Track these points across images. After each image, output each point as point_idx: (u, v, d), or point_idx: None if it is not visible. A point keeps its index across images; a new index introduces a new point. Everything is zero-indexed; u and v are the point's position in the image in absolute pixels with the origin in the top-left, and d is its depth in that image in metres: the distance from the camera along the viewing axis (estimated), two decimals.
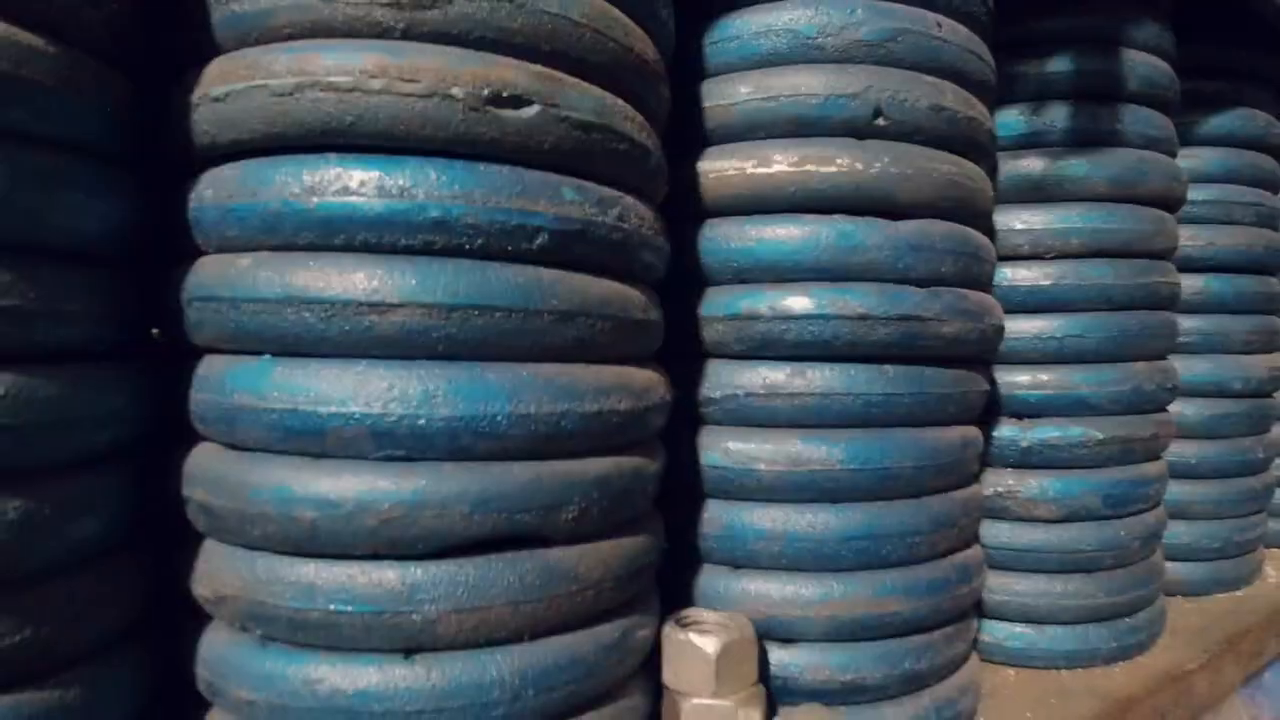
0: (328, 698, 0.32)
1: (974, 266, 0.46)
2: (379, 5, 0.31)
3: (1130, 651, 0.62)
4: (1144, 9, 0.61)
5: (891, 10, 0.44)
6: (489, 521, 0.32)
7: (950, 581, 0.47)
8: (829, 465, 0.43)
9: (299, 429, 0.31)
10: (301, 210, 0.31)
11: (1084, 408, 0.58)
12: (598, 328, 0.35)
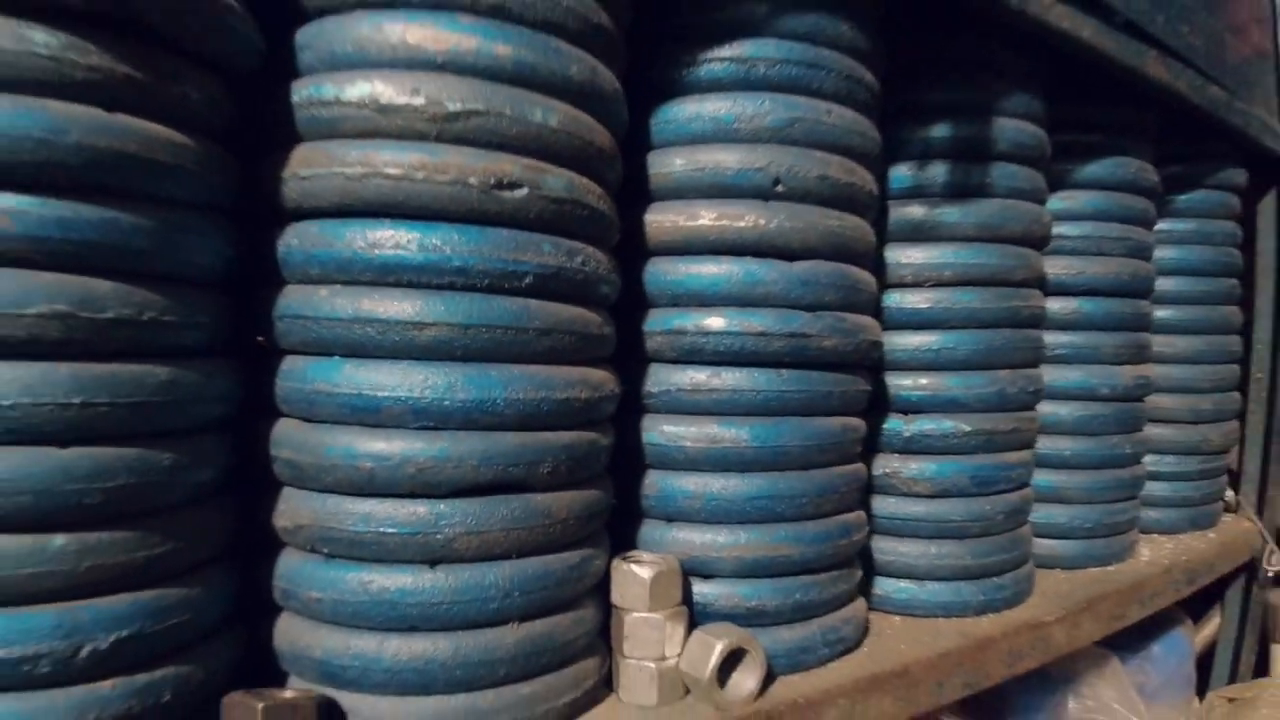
0: (376, 594, 0.49)
1: (852, 295, 0.65)
2: (421, 119, 0.48)
3: (997, 605, 0.81)
4: (1017, 83, 0.79)
5: (792, 102, 0.62)
6: (490, 472, 0.49)
7: (833, 534, 0.65)
8: (738, 443, 0.61)
9: (361, 407, 0.48)
10: (365, 258, 0.48)
11: (955, 406, 0.76)
12: (566, 340, 0.53)
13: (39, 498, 0.41)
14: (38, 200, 0.40)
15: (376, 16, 0.49)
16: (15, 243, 0.40)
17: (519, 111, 0.49)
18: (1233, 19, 1.08)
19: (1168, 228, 1.10)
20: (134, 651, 0.44)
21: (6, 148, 0.38)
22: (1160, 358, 1.09)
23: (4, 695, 0.41)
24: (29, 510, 0.40)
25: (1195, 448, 1.12)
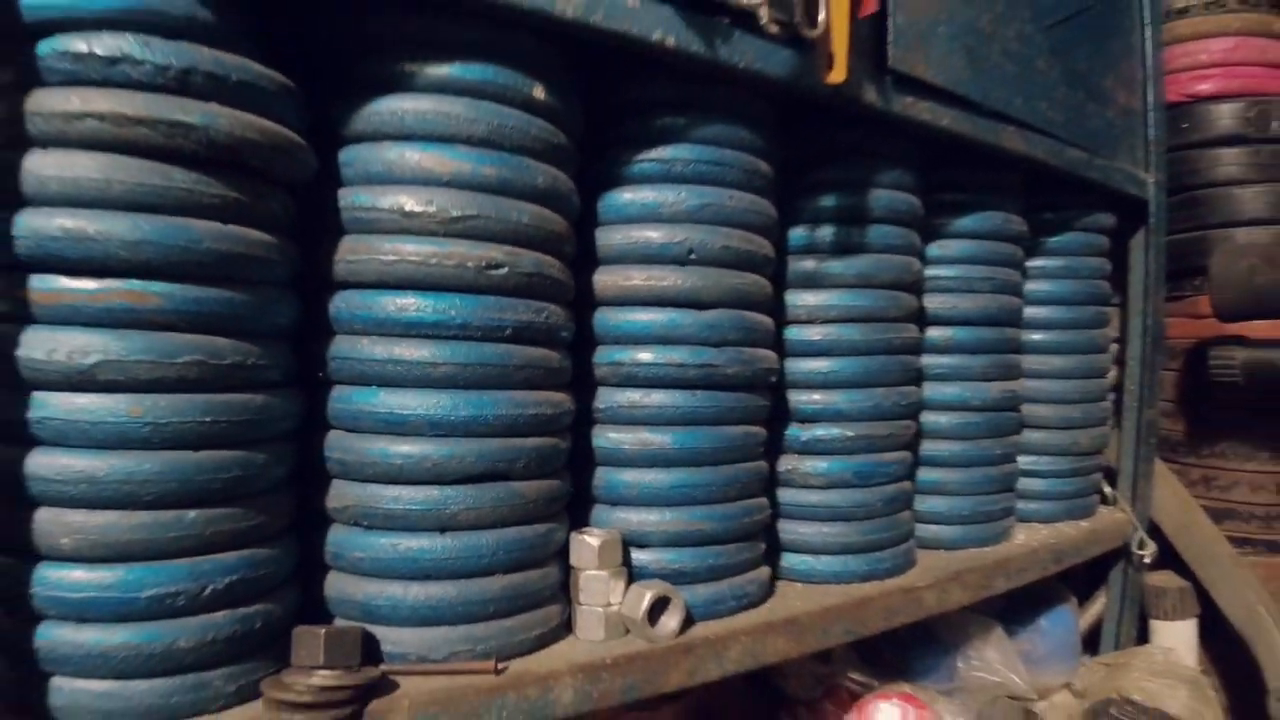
0: (403, 553, 0.72)
1: (751, 335, 0.90)
2: (433, 222, 0.72)
3: (879, 575, 1.06)
4: (891, 161, 1.05)
5: (702, 191, 0.86)
6: (482, 466, 0.73)
7: (738, 515, 0.90)
8: (663, 446, 0.85)
9: (392, 421, 0.72)
10: (396, 318, 0.72)
11: (841, 417, 1.01)
12: (536, 373, 0.77)
13: (181, 485, 0.63)
14: (181, 286, 0.63)
15: (400, 145, 0.73)
16: (168, 315, 0.62)
17: (502, 214, 0.74)
18: (1095, 89, 1.35)
19: (1041, 264, 1.37)
20: (238, 592, 0.67)
21: (161, 252, 0.61)
22: (1036, 374, 1.35)
23: (156, 621, 0.64)
24: (174, 493, 0.63)
25: (1067, 450, 1.39)
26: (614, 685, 0.80)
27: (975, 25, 1.08)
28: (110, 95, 0.59)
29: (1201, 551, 1.50)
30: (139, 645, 0.62)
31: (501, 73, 0.74)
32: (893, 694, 1.16)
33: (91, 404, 0.60)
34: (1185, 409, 1.60)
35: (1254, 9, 1.64)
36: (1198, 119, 1.62)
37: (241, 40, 0.66)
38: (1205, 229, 1.60)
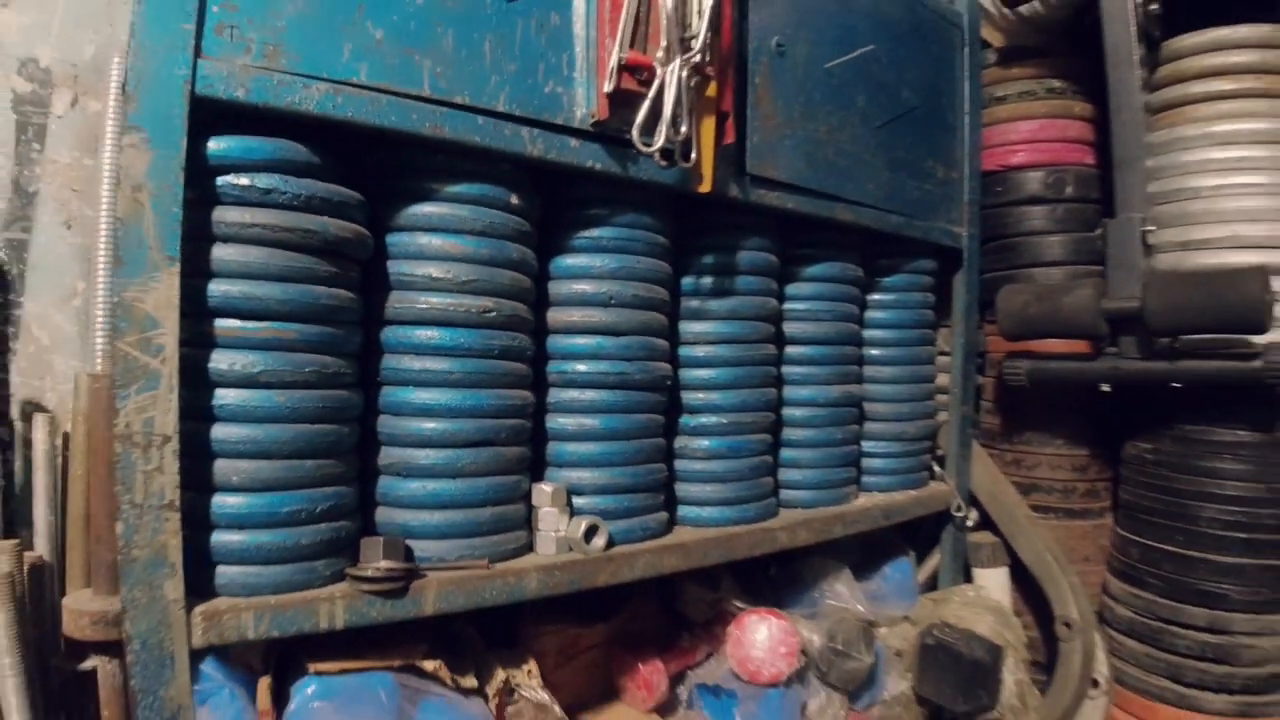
0: (432, 491, 1.18)
1: (653, 352, 1.38)
2: (452, 285, 1.18)
3: (747, 520, 1.54)
4: (753, 231, 1.54)
5: (621, 258, 1.34)
6: (479, 436, 1.20)
7: (644, 474, 1.38)
8: (594, 427, 1.33)
9: (422, 409, 1.18)
10: (425, 344, 1.18)
11: (718, 409, 1.50)
12: (513, 378, 1.24)
13: (304, 445, 1.08)
14: (305, 325, 1.08)
15: (429, 235, 1.19)
16: (298, 343, 1.07)
17: (492, 278, 1.21)
18: (916, 168, 1.86)
19: (879, 298, 1.88)
20: (332, 513, 1.12)
21: (295, 306, 1.06)
22: (873, 380, 1.86)
23: (287, 528, 1.08)
24: (300, 450, 1.08)
25: (899, 436, 1.90)
26: (562, 579, 1.27)
27: (814, 136, 1.58)
28: (266, 212, 1.04)
29: (1007, 515, 2.02)
30: (277, 543, 1.06)
31: (491, 188, 1.22)
32: (762, 611, 1.64)
33: (254, 396, 1.04)
34: (1000, 407, 2.13)
35: (1058, 96, 2.16)
36: (1010, 184, 2.15)
37: (333, 172, 1.11)
38: (1016, 269, 2.13)
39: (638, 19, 1.22)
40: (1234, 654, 1.71)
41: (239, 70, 0.97)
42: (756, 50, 1.46)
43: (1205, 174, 1.81)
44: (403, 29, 1.09)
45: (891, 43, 1.79)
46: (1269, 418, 1.69)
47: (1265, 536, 1.70)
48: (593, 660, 1.61)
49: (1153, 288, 1.64)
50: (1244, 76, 1.81)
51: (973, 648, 1.77)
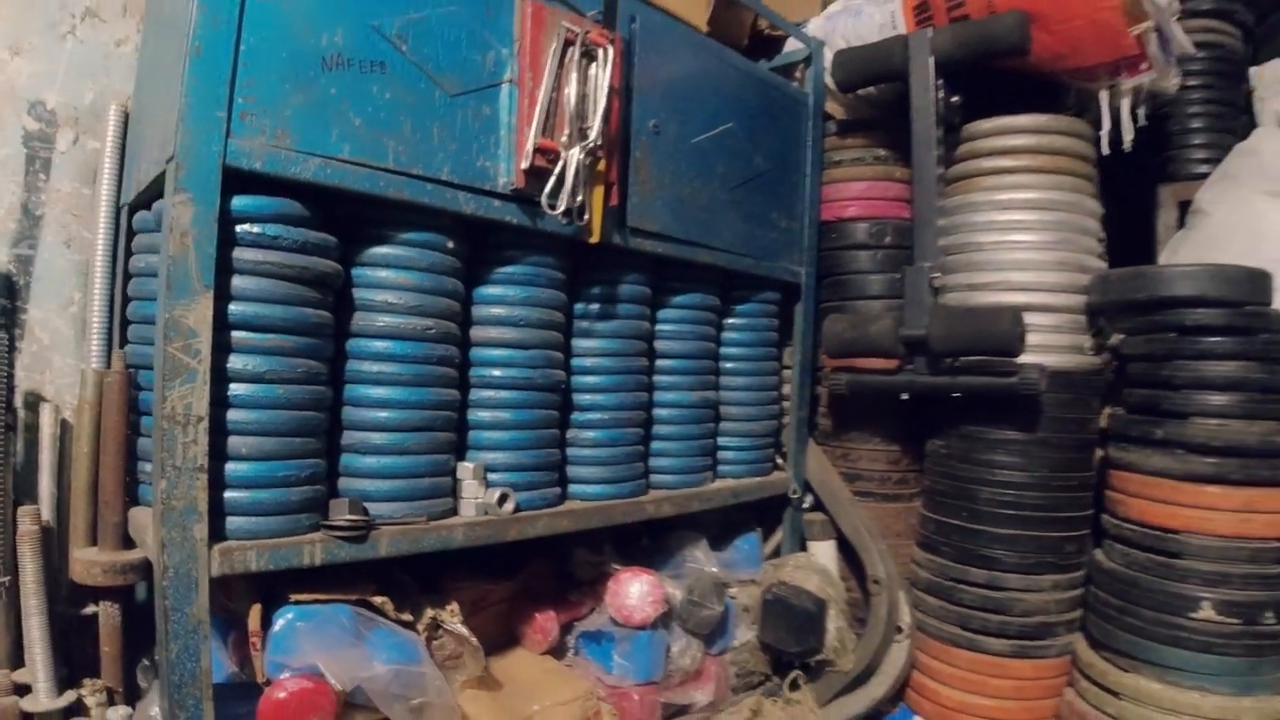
0: (385, 465, 1.57)
1: (551, 362, 1.80)
2: (401, 307, 1.57)
3: (623, 495, 1.97)
4: (632, 269, 1.98)
5: (527, 290, 1.76)
6: (420, 423, 1.59)
7: (544, 456, 1.80)
8: (505, 419, 1.75)
9: (378, 402, 1.56)
10: (381, 352, 1.57)
11: (601, 408, 1.93)
12: (445, 380, 1.65)
13: (296, 426, 1.45)
14: (298, 337, 1.45)
15: (385, 270, 1.58)
16: (293, 350, 1.44)
17: (434, 304, 1.61)
18: (764, 219, 2.34)
19: (733, 323, 2.35)
20: (312, 478, 1.48)
21: (293, 323, 1.43)
22: (728, 387, 2.33)
23: (283, 488, 1.45)
24: (293, 430, 1.45)
25: (748, 434, 2.38)
26: (481, 534, 1.67)
27: (681, 196, 2.04)
28: (273, 253, 1.40)
29: (834, 498, 2.51)
30: (273, 500, 1.42)
31: (433, 236, 1.61)
32: (636, 570, 2.07)
33: (260, 389, 1.40)
34: (830, 411, 2.63)
35: (883, 163, 2.66)
36: (843, 232, 2.65)
37: (319, 221, 1.49)
38: (845, 301, 2.62)
39: (548, 113, 1.65)
40: (1008, 606, 2.18)
41: (257, 148, 1.34)
42: (637, 131, 1.91)
43: (988, 232, 2.34)
44: (375, 118, 1.48)
45: (748, 120, 2.27)
46: (1029, 420, 2.22)
47: (1030, 513, 2.19)
48: (499, 612, 2.01)
49: (936, 320, 2.15)
50: (1021, 155, 2.34)
51: (803, 601, 2.24)
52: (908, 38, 2.33)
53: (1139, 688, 1.92)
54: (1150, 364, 2.07)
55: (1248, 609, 1.84)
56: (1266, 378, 1.94)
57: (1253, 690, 1.83)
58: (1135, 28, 2.15)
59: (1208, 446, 1.93)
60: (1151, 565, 1.97)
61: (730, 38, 2.47)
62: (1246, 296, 2.01)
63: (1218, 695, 1.83)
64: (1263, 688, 1.84)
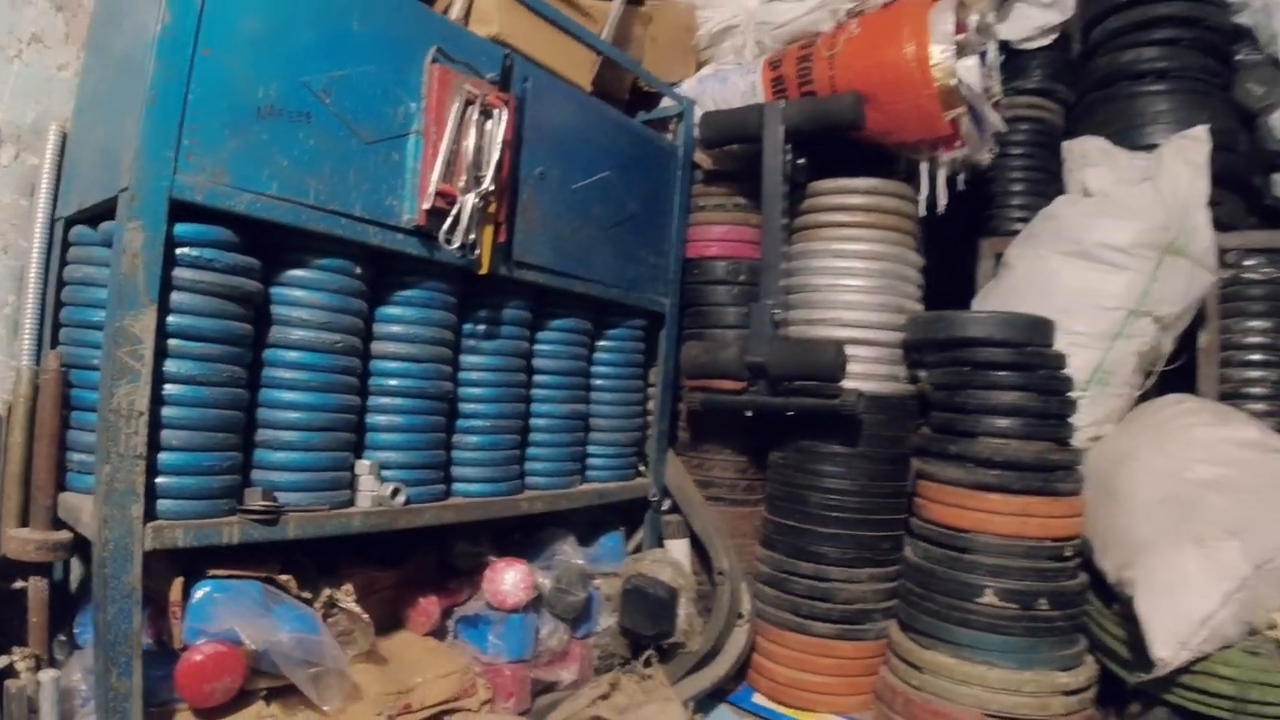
0: (290, 459, 1.82)
1: (441, 374, 2.09)
2: (313, 323, 1.84)
3: (500, 493, 2.26)
4: (516, 296, 2.28)
5: (420, 310, 2.04)
6: (325, 424, 1.86)
7: (431, 456, 2.09)
8: (399, 423, 2.02)
9: (289, 404, 1.82)
10: (294, 361, 1.83)
11: (483, 415, 2.22)
12: (349, 387, 1.91)
13: (219, 422, 1.69)
14: (226, 346, 1.69)
15: (300, 290, 1.84)
16: (221, 357, 1.69)
17: (341, 320, 1.88)
18: (634, 255, 2.69)
19: (604, 344, 2.68)
20: (232, 469, 1.72)
21: (222, 334, 1.68)
22: (597, 401, 2.65)
23: (207, 476, 1.68)
24: (217, 426, 1.69)
25: (614, 443, 2.70)
26: (376, 522, 1.94)
27: (561, 234, 2.36)
28: (206, 273, 1.64)
29: (688, 502, 2.87)
30: (199, 486, 1.65)
31: (344, 262, 1.88)
32: (511, 560, 2.36)
33: (191, 390, 1.63)
34: (689, 425, 2.99)
35: (741, 209, 3.03)
36: (704, 269, 3.01)
37: (246, 247, 1.73)
38: (705, 329, 2.98)
39: (449, 162, 1.94)
40: (832, 595, 2.51)
41: (199, 183, 1.58)
42: (525, 177, 2.22)
43: (823, 275, 2.74)
44: (300, 160, 1.74)
45: (623, 168, 2.61)
46: (852, 437, 2.62)
47: (851, 516, 2.57)
48: (386, 598, 2.26)
49: (775, 349, 2.54)
50: (855, 212, 2.75)
51: (658, 590, 2.57)
52: (763, 107, 2.73)
53: (937, 663, 2.22)
54: (949, 392, 2.50)
55: (1025, 596, 2.17)
56: (1042, 406, 2.38)
57: (1032, 665, 2.15)
58: (950, 112, 2.60)
59: (992, 461, 2.28)
60: (945, 559, 2.29)
61: (613, 93, 2.81)
62: (1029, 339, 2.46)
63: (1002, 669, 2.14)
64: (1041, 663, 2.16)
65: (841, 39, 2.72)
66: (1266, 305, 3.04)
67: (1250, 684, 1.97)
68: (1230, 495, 2.27)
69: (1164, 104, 3.26)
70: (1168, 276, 2.80)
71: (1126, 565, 2.26)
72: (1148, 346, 2.80)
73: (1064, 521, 2.29)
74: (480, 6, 2.21)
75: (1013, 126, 3.49)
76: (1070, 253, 2.86)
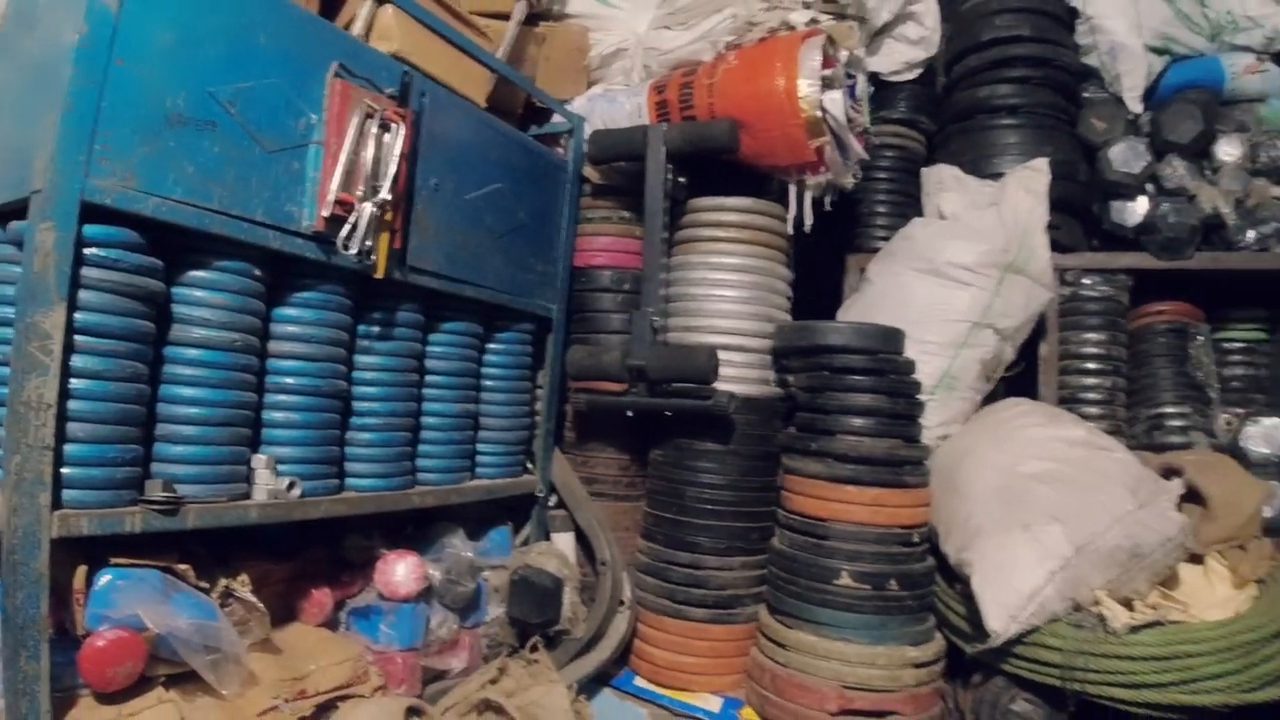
0: (186, 452, 1.91)
1: (336, 373, 2.21)
2: (212, 324, 1.94)
3: (393, 488, 2.40)
4: (410, 300, 2.42)
5: (317, 312, 2.16)
6: (223, 418, 1.96)
7: (326, 452, 2.20)
8: (294, 420, 2.13)
9: (187, 399, 1.91)
10: (195, 359, 1.92)
11: (376, 414, 2.35)
12: (247, 383, 2.02)
13: (121, 416, 1.78)
14: (130, 343, 1.78)
15: (202, 291, 1.93)
16: (125, 353, 1.77)
17: (242, 320, 1.98)
18: (524, 263, 2.85)
19: (495, 347, 2.83)
20: (133, 461, 1.81)
21: (126, 331, 1.77)
22: (488, 401, 2.80)
23: (112, 467, 1.76)
24: (120, 420, 1.77)
25: (503, 441, 2.86)
26: (273, 514, 2.04)
27: (454, 241, 2.51)
28: (113, 273, 1.71)
29: (573, 498, 3.05)
30: (103, 477, 1.72)
31: (244, 265, 1.99)
32: (403, 552, 2.49)
33: (97, 384, 1.70)
34: (575, 425, 3.17)
35: (626, 222, 3.25)
36: (591, 277, 3.21)
37: (152, 247, 1.82)
38: (591, 334, 3.18)
39: (348, 171, 2.07)
40: (707, 582, 2.73)
41: (109, 187, 1.68)
42: (421, 187, 2.37)
43: (700, 286, 2.98)
44: (205, 167, 1.84)
45: (515, 181, 2.78)
46: (725, 435, 2.85)
47: (724, 508, 2.80)
48: (279, 590, 2.35)
49: (654, 354, 2.76)
50: (730, 228, 3.00)
51: (544, 580, 2.74)
52: (648, 129, 2.95)
53: (800, 641, 2.43)
54: (811, 394, 2.75)
55: (877, 578, 2.39)
56: (892, 407, 2.66)
57: (885, 640, 2.38)
58: (815, 141, 2.86)
59: (848, 457, 2.52)
60: (807, 546, 2.51)
61: (507, 109, 2.99)
62: (881, 347, 2.74)
63: (858, 644, 2.36)
64: (892, 639, 2.39)
65: (721, 69, 2.96)
66: (1101, 319, 3.45)
67: (1076, 653, 2.19)
68: (1056, 486, 2.57)
69: (1014, 137, 3.61)
70: (1008, 293, 3.14)
71: (965, 548, 2.54)
72: (990, 355, 3.13)
73: (912, 511, 2.57)
74: (382, 24, 2.35)
75: (879, 153, 3.83)
76: (923, 270, 3.17)
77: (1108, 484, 2.51)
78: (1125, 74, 3.55)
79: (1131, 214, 3.43)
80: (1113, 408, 3.31)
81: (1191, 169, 3.37)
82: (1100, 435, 2.83)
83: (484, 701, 2.47)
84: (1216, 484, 2.64)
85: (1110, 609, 2.28)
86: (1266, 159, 3.28)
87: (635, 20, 3.39)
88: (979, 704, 2.44)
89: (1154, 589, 2.43)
